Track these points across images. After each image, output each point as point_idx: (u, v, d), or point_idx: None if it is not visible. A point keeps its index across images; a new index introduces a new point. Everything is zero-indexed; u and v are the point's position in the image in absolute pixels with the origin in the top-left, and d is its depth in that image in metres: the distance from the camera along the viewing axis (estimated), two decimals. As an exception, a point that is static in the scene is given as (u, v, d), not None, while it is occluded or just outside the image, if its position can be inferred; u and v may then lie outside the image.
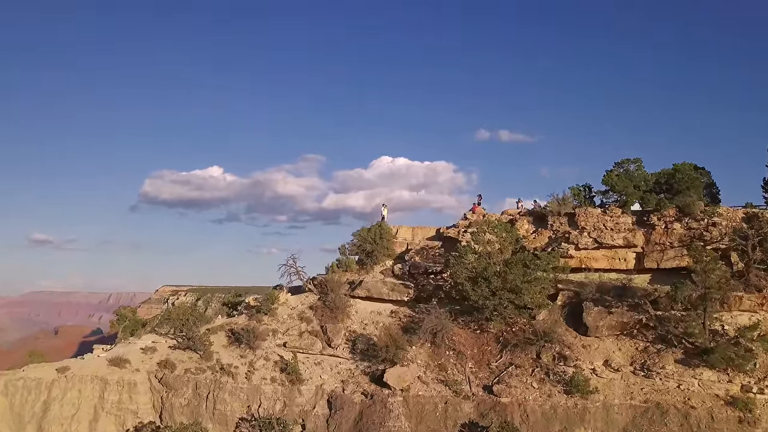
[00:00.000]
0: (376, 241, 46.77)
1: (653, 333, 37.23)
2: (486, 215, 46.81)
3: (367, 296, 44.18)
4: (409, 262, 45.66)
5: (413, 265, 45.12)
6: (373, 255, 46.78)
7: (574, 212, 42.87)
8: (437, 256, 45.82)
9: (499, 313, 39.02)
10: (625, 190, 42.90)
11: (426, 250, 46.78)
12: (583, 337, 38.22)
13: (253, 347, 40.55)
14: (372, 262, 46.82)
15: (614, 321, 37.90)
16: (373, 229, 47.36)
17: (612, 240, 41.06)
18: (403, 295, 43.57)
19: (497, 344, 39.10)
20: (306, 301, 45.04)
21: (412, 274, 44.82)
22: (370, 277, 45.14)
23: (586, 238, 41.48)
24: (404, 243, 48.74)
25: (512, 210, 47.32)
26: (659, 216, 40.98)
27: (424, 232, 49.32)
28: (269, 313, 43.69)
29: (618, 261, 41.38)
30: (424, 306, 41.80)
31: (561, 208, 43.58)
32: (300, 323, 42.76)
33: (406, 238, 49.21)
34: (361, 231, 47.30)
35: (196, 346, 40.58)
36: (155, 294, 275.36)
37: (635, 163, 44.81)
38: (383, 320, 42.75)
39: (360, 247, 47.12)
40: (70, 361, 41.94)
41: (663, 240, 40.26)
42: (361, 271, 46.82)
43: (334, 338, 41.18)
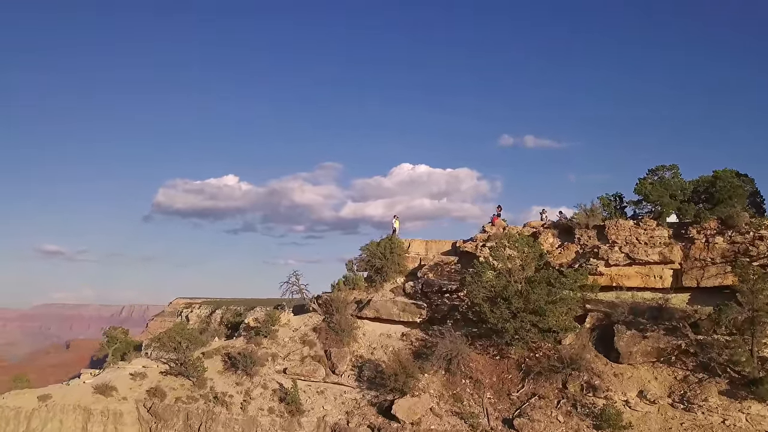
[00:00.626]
0: (386, 256, 44.53)
1: (694, 360, 34.38)
2: (507, 228, 44.33)
3: (375, 317, 41.92)
4: (422, 279, 43.39)
5: (426, 283, 42.79)
6: (382, 271, 44.54)
7: (603, 225, 40.22)
8: (453, 272, 43.51)
9: (520, 337, 36.43)
10: (660, 199, 40.10)
11: (440, 266, 44.47)
12: (614, 364, 35.54)
13: (251, 374, 38.26)
14: (382, 279, 44.58)
15: (650, 346, 35.14)
16: (383, 242, 45.11)
17: (646, 255, 38.30)
18: (415, 316, 41.21)
19: (519, 372, 36.56)
20: (309, 322, 42.72)
21: (425, 292, 42.53)
22: (379, 296, 42.75)
23: (618, 254, 38.76)
24: (417, 258, 46.58)
25: (535, 222, 44.81)
26: (699, 228, 38.15)
27: (439, 246, 47.01)
28: (269, 336, 41.40)
29: (653, 279, 38.61)
30: (438, 328, 39.41)
31: (589, 220, 40.89)
32: (302, 347, 40.41)
33: (419, 252, 46.99)
34: (370, 245, 45.07)
35: (189, 372, 38.36)
36: (169, 307, 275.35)
37: (671, 170, 41.94)
38: (393, 344, 40.28)
39: (369, 262, 44.92)
40: (53, 388, 39.88)
41: (703, 255, 37.40)
42: (370, 288, 44.58)
43: (338, 364, 38.74)
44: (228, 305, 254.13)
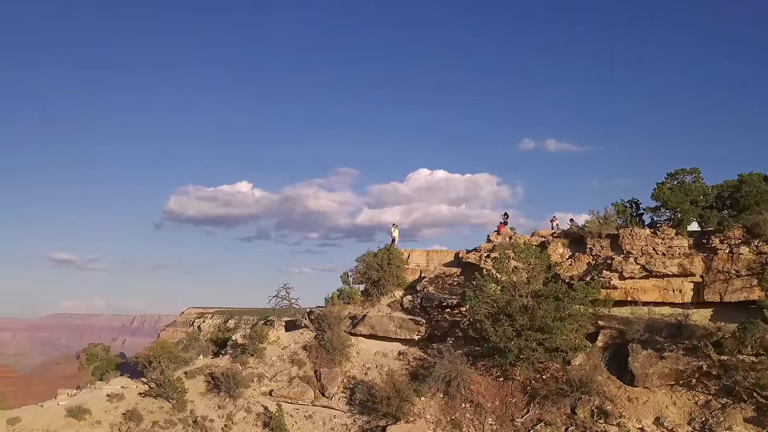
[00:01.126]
0: (383, 268, 42.44)
1: (717, 383, 31.91)
2: (513, 237, 42.02)
3: (370, 334, 39.93)
4: (422, 293, 41.25)
5: (426, 297, 40.65)
6: (379, 284, 42.50)
7: (618, 234, 37.75)
8: (455, 285, 41.31)
9: (525, 357, 34.15)
10: (679, 206, 37.74)
11: (442, 279, 42.30)
12: (628, 387, 33.12)
13: (234, 396, 36.22)
14: (378, 292, 42.55)
15: (667, 368, 32.71)
16: (381, 253, 43.08)
17: (664, 267, 35.87)
18: (413, 333, 39.14)
19: (523, 395, 34.31)
20: (300, 340, 40.68)
21: (424, 307, 40.43)
22: (375, 311, 40.67)
23: (633, 265, 36.36)
24: (417, 270, 44.49)
25: (545, 231, 42.74)
26: (722, 238, 35.69)
27: (441, 256, 44.97)
28: (256, 354, 39.41)
29: (671, 293, 36.16)
30: (438, 347, 37.14)
31: (602, 228, 38.57)
32: (291, 367, 38.33)
33: (420, 264, 44.94)
34: (366, 255, 43.10)
35: (168, 394, 36.30)
36: (180, 317, 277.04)
37: (692, 174, 39.65)
38: (389, 364, 38.11)
39: (365, 274, 42.76)
40: (26, 410, 38.04)
41: (727, 267, 34.92)
42: (366, 303, 42.52)
43: (328, 386, 36.63)
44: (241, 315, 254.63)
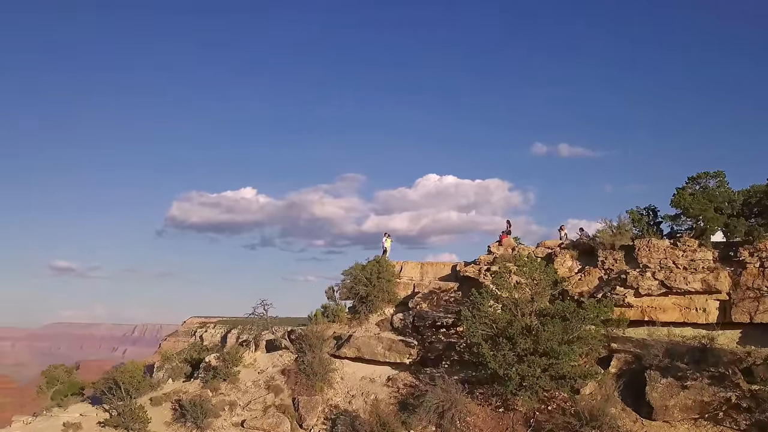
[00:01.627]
0: (372, 282, 39.41)
1: (747, 418, 28.58)
2: (517, 248, 38.91)
3: (356, 357, 36.76)
4: (414, 310, 38.24)
5: (418, 315, 37.59)
6: (368, 300, 39.52)
7: (633, 245, 34.49)
8: (452, 302, 38.18)
9: (528, 385, 30.83)
10: (702, 213, 34.44)
11: (437, 295, 39.26)
12: (646, 421, 29.76)
13: (201, 426, 33.09)
14: (367, 309, 39.59)
15: (690, 399, 29.40)
16: (370, 265, 40.05)
17: (686, 283, 32.59)
18: (404, 357, 35.99)
19: (526, 429, 30.88)
20: (279, 362, 37.49)
21: (416, 327, 37.27)
22: (362, 331, 37.48)
23: (650, 281, 33.10)
24: (410, 284, 41.48)
25: (552, 241, 39.56)
26: (752, 250, 32.42)
27: (437, 269, 41.94)
28: (229, 379, 36.08)
29: (694, 312, 32.88)
30: (431, 371, 33.83)
31: (615, 239, 35.40)
32: (266, 394, 35.07)
33: (413, 277, 41.91)
34: (354, 268, 40.13)
35: (129, 424, 33.08)
36: (183, 326, 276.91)
37: (716, 178, 36.30)
38: (376, 391, 34.77)
39: (352, 289, 39.60)
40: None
41: (758, 283, 31.63)
42: (353, 321, 39.57)
43: (307, 416, 33.43)
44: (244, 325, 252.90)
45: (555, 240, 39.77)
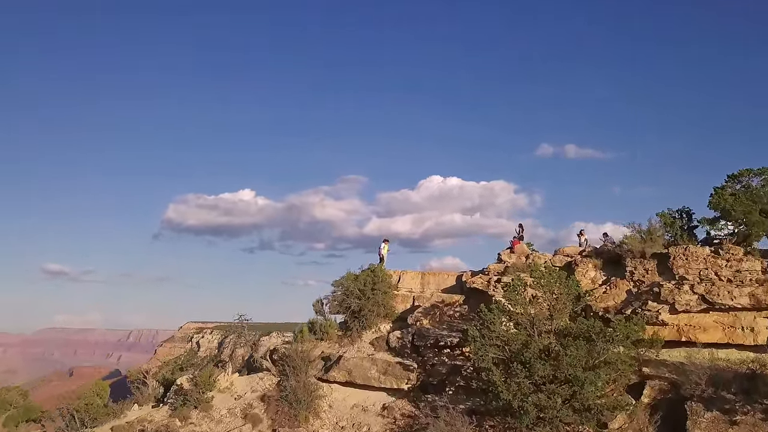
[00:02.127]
0: (366, 294, 35.44)
1: (810, 460, 24.26)
2: (532, 256, 35.27)
3: (347, 381, 32.85)
4: (414, 327, 34.21)
5: (419, 333, 33.62)
6: (361, 315, 35.47)
7: (667, 252, 30.59)
8: (456, 318, 34.24)
9: (548, 419, 26.67)
10: (746, 217, 30.55)
11: (440, 309, 35.20)
12: (688, 463, 25.57)
13: (166, 464, 28.71)
14: (360, 326, 35.55)
15: (740, 436, 25.05)
16: (363, 276, 36.16)
17: (730, 298, 28.57)
18: (402, 382, 32.03)
19: (545, 470, 26.55)
20: (259, 387, 33.49)
21: (416, 346, 33.32)
22: (354, 351, 33.54)
23: (689, 295, 29.11)
24: (410, 296, 37.48)
25: (571, 248, 35.80)
26: (807, 259, 28.15)
27: (439, 279, 37.94)
28: (201, 407, 31.98)
29: (740, 332, 28.79)
30: (433, 399, 29.93)
31: (646, 245, 31.65)
32: (243, 424, 31.11)
33: (413, 289, 37.90)
34: (345, 278, 36.28)
35: (83, 460, 28.99)
36: (179, 332, 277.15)
37: (760, 176, 32.22)
38: (369, 421, 30.88)
39: (343, 303, 35.69)
40: None
41: (815, 299, 27.42)
42: (344, 339, 35.59)
43: (288, 452, 29.09)
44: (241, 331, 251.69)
45: (574, 246, 36.19)
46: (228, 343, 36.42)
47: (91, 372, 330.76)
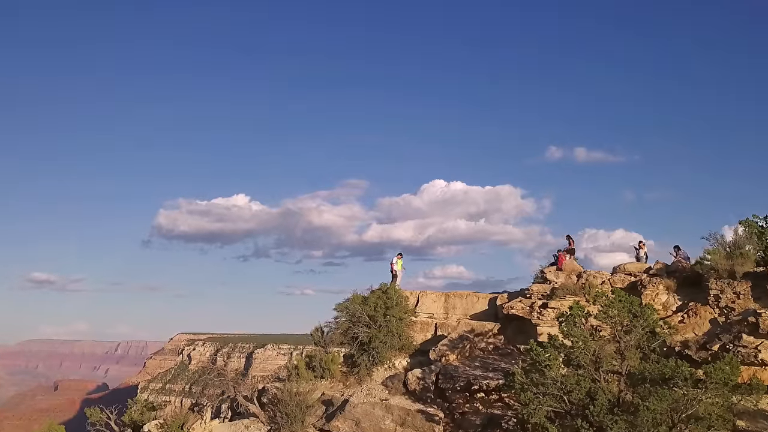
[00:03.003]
0: (377, 321, 30.50)
1: None
2: (585, 274, 30.88)
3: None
4: (438, 364, 29.08)
5: (445, 373, 28.34)
6: (371, 348, 30.23)
7: (765, 271, 25.15)
8: (492, 352, 29.59)
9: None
10: None
11: (470, 341, 30.23)
12: None
13: None
14: (369, 361, 30.26)
15: None
16: (373, 298, 31.18)
17: None
18: (425, 435, 26.31)
19: None
20: (243, 438, 27.49)
21: (442, 389, 27.91)
22: (363, 395, 28.35)
23: (797, 327, 23.96)
24: (431, 323, 33.05)
25: (635, 265, 31.49)
26: None
27: (467, 302, 33.58)
28: (170, 464, 26.07)
29: None
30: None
31: (735, 263, 26.89)
32: (221, 489, 24.99)
33: (435, 314, 33.53)
34: (351, 301, 31.40)
35: None
36: (169, 343, 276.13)
37: None
38: (382, 489, 24.72)
39: (348, 331, 30.85)
40: None
41: None
42: (350, 378, 30.29)
43: None
44: (236, 342, 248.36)
45: (638, 263, 31.74)
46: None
47: (77, 386, 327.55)
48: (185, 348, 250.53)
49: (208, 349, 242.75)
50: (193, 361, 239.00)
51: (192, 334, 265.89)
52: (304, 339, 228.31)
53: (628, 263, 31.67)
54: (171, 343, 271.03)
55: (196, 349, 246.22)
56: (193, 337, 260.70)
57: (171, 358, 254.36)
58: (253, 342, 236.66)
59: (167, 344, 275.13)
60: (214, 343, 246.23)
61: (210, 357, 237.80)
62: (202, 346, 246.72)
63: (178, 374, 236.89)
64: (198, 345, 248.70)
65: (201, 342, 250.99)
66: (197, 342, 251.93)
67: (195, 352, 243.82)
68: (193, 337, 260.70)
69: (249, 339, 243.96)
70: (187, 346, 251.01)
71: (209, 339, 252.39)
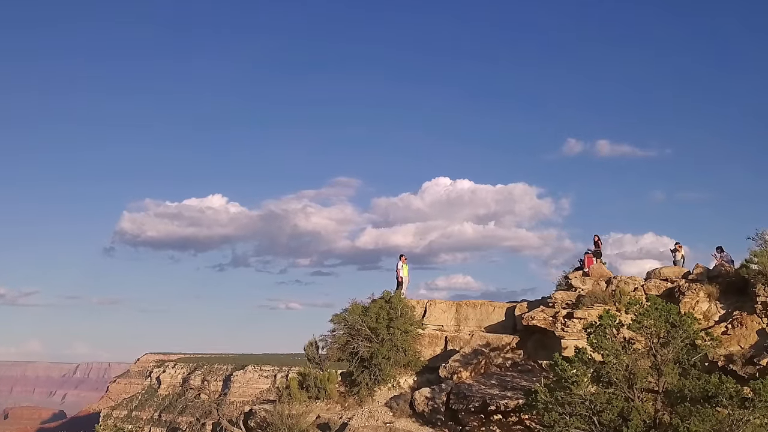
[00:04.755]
0: (379, 335, 31.51)
1: None
2: (616, 281, 31.65)
3: (354, 462, 28.17)
4: (449, 382, 30.05)
5: (458, 392, 29.17)
6: (373, 365, 31.09)
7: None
8: (509, 368, 30.90)
9: None
10: None
11: (484, 356, 31.31)
12: None
13: None
14: (371, 379, 31.08)
15: None
16: (375, 308, 32.12)
17: None
18: (435, 465, 27.97)
19: None
20: (228, 468, 27.91)
21: (454, 411, 28.76)
22: (364, 417, 29.16)
23: None
24: (440, 337, 34.12)
25: (671, 269, 32.33)
26: None
27: (481, 313, 34.69)
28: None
29: None
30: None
31: None
32: None
33: (445, 326, 34.48)
34: (349, 311, 32.42)
35: None
36: (135, 365, 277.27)
37: None
38: None
39: (346, 346, 31.67)
40: None
41: None
42: (349, 399, 31.09)
43: None
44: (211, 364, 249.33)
45: (675, 267, 32.70)
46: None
47: (30, 414, 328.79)
48: (154, 370, 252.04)
49: (180, 371, 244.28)
50: (162, 385, 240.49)
51: (161, 354, 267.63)
52: (289, 359, 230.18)
53: (664, 267, 32.47)
54: (137, 364, 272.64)
55: (166, 371, 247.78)
56: (163, 358, 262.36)
57: (137, 381, 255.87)
58: (231, 363, 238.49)
59: (133, 366, 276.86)
60: (187, 364, 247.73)
61: (182, 380, 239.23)
62: (173, 367, 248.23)
63: (145, 400, 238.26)
64: (168, 366, 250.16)
65: (172, 363, 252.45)
66: (167, 363, 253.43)
67: (165, 375, 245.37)
68: (163, 358, 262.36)
69: (227, 360, 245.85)
70: (156, 368, 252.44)
71: (181, 360, 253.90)
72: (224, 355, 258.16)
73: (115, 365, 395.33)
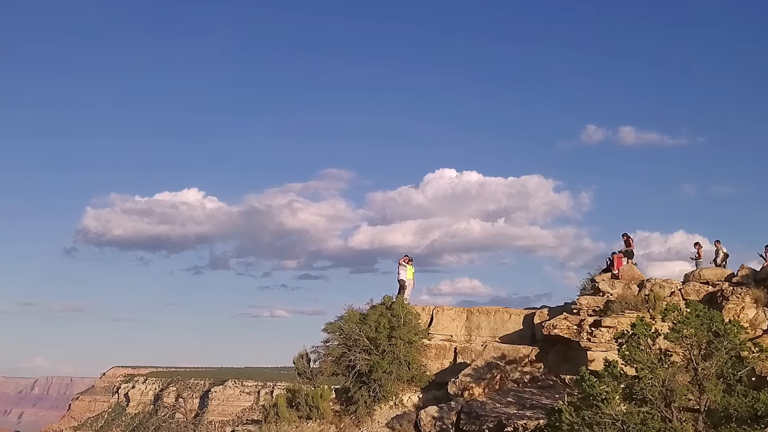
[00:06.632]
0: (379, 345, 31.58)
1: None
2: (649, 284, 32.16)
3: (351, 492, 28.36)
4: (460, 400, 30.05)
5: (469, 411, 29.20)
6: (372, 380, 31.14)
7: None
8: (528, 384, 31.11)
9: None
10: None
11: (500, 369, 31.54)
12: None
13: None
14: (370, 395, 31.11)
15: None
16: (374, 315, 32.36)
17: None
18: (444, 496, 28.22)
19: None
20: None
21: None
22: None
23: None
24: (449, 348, 34.41)
25: (713, 271, 32.81)
26: None
27: (495, 321, 35.25)
28: None
29: None
30: None
31: None
32: None
33: (454, 336, 35.03)
34: (345, 319, 32.52)
35: None
36: (101, 380, 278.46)
37: None
38: None
39: (342, 358, 31.67)
40: None
41: None
42: (345, 419, 31.14)
43: None
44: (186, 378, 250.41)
45: (717, 269, 33.48)
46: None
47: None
48: (122, 386, 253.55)
49: (152, 386, 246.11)
50: (131, 403, 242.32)
51: (130, 368, 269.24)
52: (274, 374, 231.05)
53: (704, 269, 33.05)
54: (103, 379, 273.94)
55: (135, 386, 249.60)
56: (132, 372, 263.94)
57: (103, 398, 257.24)
58: (209, 378, 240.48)
59: (98, 381, 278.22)
60: (159, 379, 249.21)
61: (154, 397, 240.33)
62: (143, 383, 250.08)
63: (112, 419, 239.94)
64: (138, 382, 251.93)
65: (142, 378, 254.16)
66: (137, 378, 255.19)
67: (134, 391, 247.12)
68: (132, 372, 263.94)
69: (204, 374, 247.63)
70: (125, 383, 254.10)
71: (152, 374, 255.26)
72: (201, 369, 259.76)
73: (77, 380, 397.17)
